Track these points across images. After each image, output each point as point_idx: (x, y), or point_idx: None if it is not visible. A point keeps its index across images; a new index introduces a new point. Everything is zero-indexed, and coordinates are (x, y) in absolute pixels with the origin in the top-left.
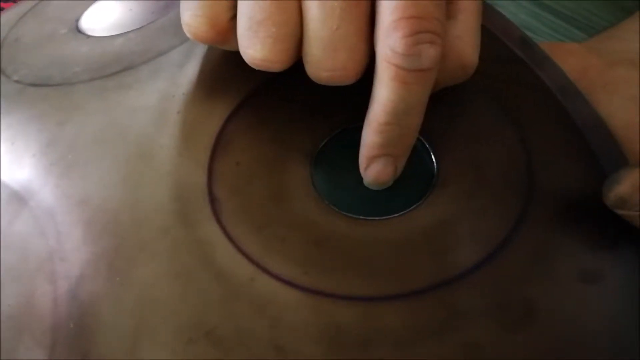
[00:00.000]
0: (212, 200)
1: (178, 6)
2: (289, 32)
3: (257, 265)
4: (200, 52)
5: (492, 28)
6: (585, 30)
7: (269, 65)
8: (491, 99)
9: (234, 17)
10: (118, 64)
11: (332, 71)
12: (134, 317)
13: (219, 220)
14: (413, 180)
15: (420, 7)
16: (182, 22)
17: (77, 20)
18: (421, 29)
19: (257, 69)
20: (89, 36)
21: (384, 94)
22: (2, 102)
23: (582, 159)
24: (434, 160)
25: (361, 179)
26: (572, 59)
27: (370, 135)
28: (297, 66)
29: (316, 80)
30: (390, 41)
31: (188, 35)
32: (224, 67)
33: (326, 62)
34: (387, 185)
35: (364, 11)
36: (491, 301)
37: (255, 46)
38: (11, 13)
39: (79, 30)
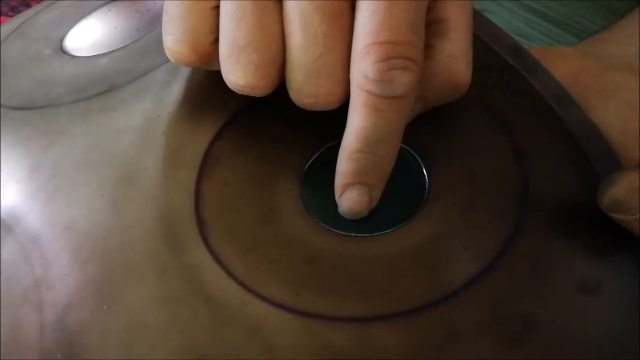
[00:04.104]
0: (200, 222)
1: None
2: (271, 58)
3: (248, 288)
4: (185, 70)
5: (484, 37)
6: (577, 35)
7: (251, 91)
8: (483, 109)
9: (216, 41)
10: (102, 84)
11: (315, 97)
12: (123, 345)
13: (207, 243)
14: (405, 194)
15: (394, 33)
16: (164, 46)
17: (62, 40)
18: (394, 54)
19: (239, 93)
20: (73, 56)
21: (356, 120)
22: None
23: (577, 167)
24: (425, 173)
25: None
26: (566, 63)
27: (344, 162)
28: (283, 84)
29: (300, 105)
30: (362, 66)
31: (170, 59)
32: (209, 85)
33: (309, 88)
34: (362, 215)
35: (347, 38)
36: (489, 316)
37: (236, 72)
38: None
39: (63, 51)
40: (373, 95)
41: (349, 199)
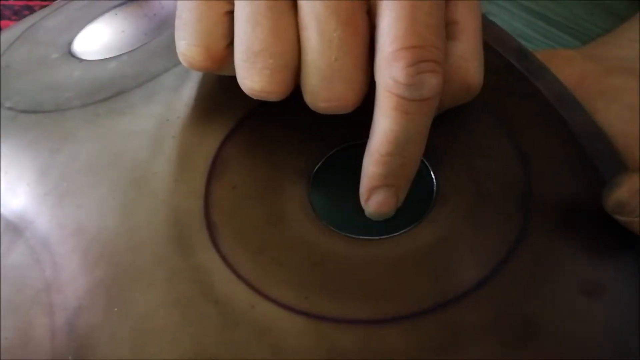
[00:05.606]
0: (209, 225)
1: (171, 27)
2: (286, 63)
3: (257, 291)
4: (194, 74)
5: (488, 39)
6: (578, 37)
7: (266, 96)
8: (488, 111)
9: (230, 45)
10: (111, 88)
11: (329, 102)
12: (133, 347)
13: (216, 246)
14: (412, 198)
15: (420, 37)
16: (178, 51)
17: (70, 43)
18: (422, 58)
19: (254, 98)
20: (81, 60)
21: (385, 124)
22: None
23: (581, 169)
24: (433, 176)
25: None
26: (569, 66)
27: (372, 166)
28: (295, 88)
29: (314, 109)
30: (391, 71)
31: (184, 64)
32: (219, 89)
33: (324, 92)
34: (389, 215)
35: (363, 41)
36: (494, 319)
37: (252, 77)
38: (2, 38)
39: (71, 54)
40: (403, 99)
41: (376, 201)
